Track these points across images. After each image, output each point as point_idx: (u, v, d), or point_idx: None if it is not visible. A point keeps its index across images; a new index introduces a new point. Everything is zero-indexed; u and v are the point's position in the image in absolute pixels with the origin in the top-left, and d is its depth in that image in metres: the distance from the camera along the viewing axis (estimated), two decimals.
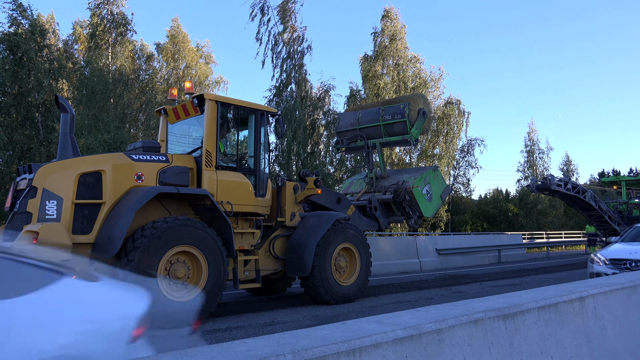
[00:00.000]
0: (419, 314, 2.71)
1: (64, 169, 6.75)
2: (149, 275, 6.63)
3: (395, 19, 32.22)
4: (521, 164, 51.15)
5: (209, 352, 1.94)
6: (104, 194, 6.92)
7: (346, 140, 13.55)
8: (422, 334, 2.39)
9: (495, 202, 41.60)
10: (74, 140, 7.24)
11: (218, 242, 7.42)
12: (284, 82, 28.95)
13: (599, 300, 3.63)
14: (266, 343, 2.09)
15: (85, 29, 30.18)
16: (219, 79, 33.81)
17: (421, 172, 12.75)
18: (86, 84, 24.94)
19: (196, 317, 7.07)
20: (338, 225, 9.32)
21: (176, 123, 9.08)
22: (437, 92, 33.14)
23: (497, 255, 20.91)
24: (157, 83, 29.86)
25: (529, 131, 52.03)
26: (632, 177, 27.86)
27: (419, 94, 14.05)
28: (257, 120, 8.80)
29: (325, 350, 2.03)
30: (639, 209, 24.58)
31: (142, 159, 7.43)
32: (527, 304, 3.04)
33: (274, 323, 7.41)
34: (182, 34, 31.66)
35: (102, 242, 6.64)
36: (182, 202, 7.86)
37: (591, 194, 20.96)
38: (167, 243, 6.85)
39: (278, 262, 9.13)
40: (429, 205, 12.46)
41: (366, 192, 12.85)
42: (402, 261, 16.48)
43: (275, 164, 28.30)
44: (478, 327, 2.69)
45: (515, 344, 2.86)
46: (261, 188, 8.70)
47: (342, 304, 9.17)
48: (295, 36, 29.11)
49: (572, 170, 56.13)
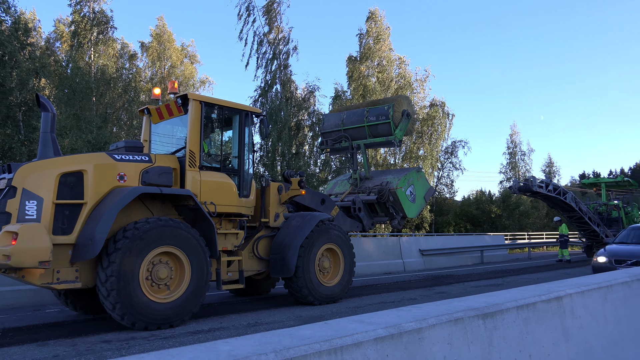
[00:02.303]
0: (401, 313, 2.74)
1: (44, 169, 6.66)
2: (130, 277, 6.58)
3: (379, 21, 32.40)
4: (504, 165, 51.88)
5: (191, 351, 1.93)
6: (85, 194, 6.84)
7: (331, 141, 13.59)
8: (402, 333, 2.42)
9: (478, 204, 42.02)
10: (55, 140, 7.15)
11: (201, 243, 7.38)
12: (269, 82, 28.89)
13: (576, 300, 3.70)
14: (248, 342, 2.09)
15: (67, 26, 29.81)
16: (204, 78, 33.71)
17: (405, 173, 12.84)
18: (68, 82, 24.63)
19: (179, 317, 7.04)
20: (322, 226, 9.34)
21: (159, 123, 9.02)
22: (422, 94, 33.41)
23: (480, 256, 21.13)
24: (140, 82, 29.60)
25: (512, 133, 52.79)
26: (611, 179, 28.40)
27: (403, 96, 14.15)
28: (242, 121, 8.78)
29: (307, 349, 2.04)
30: (618, 211, 25.06)
31: (125, 158, 7.36)
32: (506, 303, 3.09)
33: (258, 324, 7.40)
34: (168, 33, 31.48)
35: (83, 243, 6.57)
36: (165, 202, 7.80)
37: (572, 195, 21.30)
38: (149, 244, 6.80)
39: (262, 262, 9.12)
40: (413, 206, 12.55)
41: (350, 192, 12.90)
42: (385, 262, 16.56)
43: (260, 165, 28.24)
44: (458, 326, 2.72)
45: (495, 342, 2.91)
46: (245, 189, 8.68)
47: (325, 304, 9.19)
48: (281, 37, 29.08)
49: (553, 172, 57.00)
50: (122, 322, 6.65)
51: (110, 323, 7.33)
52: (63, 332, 6.89)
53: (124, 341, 6.24)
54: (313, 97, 30.17)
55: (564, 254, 21.68)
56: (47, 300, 9.44)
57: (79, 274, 6.74)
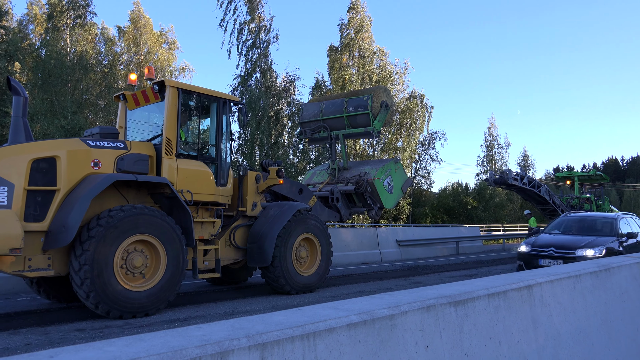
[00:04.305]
0: (374, 300, 2.77)
1: (15, 154, 6.50)
2: (104, 265, 6.50)
3: (361, 11, 32.34)
4: (481, 158, 52.61)
5: (163, 336, 1.93)
6: (58, 180, 6.71)
7: (309, 131, 13.57)
8: (375, 319, 2.45)
9: (455, 195, 42.52)
10: (27, 125, 6.98)
11: (177, 231, 7.32)
12: (249, 71, 28.67)
13: (545, 289, 3.79)
14: (221, 328, 2.09)
15: (41, 8, 29.00)
16: (184, 66, 33.22)
17: (383, 164, 12.92)
18: (42, 66, 23.99)
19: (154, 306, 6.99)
20: (299, 216, 9.35)
21: (135, 109, 8.88)
22: (402, 86, 33.51)
23: (456, 247, 21.43)
24: (118, 68, 29.03)
25: (489, 126, 53.52)
26: (584, 173, 29.03)
27: (382, 87, 14.19)
28: (219, 109, 8.70)
29: (279, 334, 2.05)
30: (590, 204, 25.66)
31: (99, 145, 7.23)
32: (477, 291, 3.15)
33: (234, 313, 7.40)
34: (145, 18, 30.88)
35: (56, 230, 6.45)
36: (140, 190, 7.71)
37: (546, 188, 21.74)
38: (124, 232, 6.72)
39: (238, 252, 9.10)
40: (390, 197, 12.64)
41: (328, 183, 12.92)
42: (363, 252, 16.68)
43: (239, 154, 28.07)
44: (430, 313, 2.77)
45: (466, 329, 2.96)
46: (222, 177, 8.63)
47: (302, 294, 9.23)
48: (262, 25, 28.83)
49: (529, 165, 58.02)
50: (96, 311, 6.58)
51: (84, 311, 7.25)
52: (35, 320, 6.79)
53: (98, 330, 6.18)
54: (293, 86, 30.06)
55: None
56: (19, 288, 9.27)
57: (51, 262, 6.63)
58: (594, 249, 10.00)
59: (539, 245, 10.71)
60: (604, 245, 10.14)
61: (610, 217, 11.74)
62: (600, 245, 10.14)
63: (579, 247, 10.16)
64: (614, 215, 11.91)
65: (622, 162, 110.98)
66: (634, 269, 5.25)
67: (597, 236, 10.74)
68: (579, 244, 10.28)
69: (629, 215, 12.39)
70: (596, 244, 10.21)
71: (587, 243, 10.27)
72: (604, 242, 10.32)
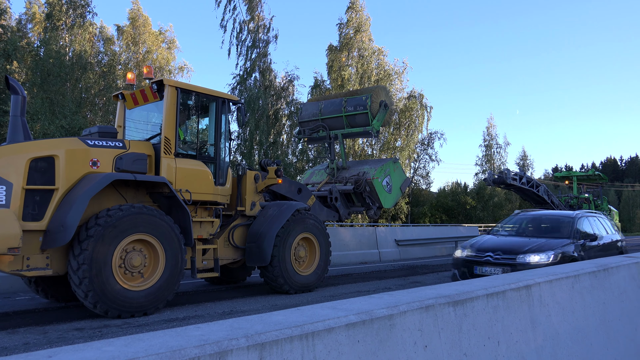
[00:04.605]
0: (372, 300, 2.77)
1: (14, 153, 6.49)
2: (103, 265, 6.50)
3: (360, 11, 32.38)
4: (479, 158, 52.60)
5: (162, 336, 1.92)
6: (56, 179, 6.70)
7: (308, 131, 13.56)
8: (374, 319, 2.45)
9: (453, 195, 42.58)
10: (25, 124, 6.97)
11: (176, 231, 7.31)
12: (248, 70, 28.67)
13: (544, 289, 3.79)
14: (220, 328, 2.09)
15: (40, 7, 28.94)
16: (183, 65, 33.20)
17: (381, 163, 12.92)
18: (41, 66, 23.94)
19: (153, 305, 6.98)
20: (298, 215, 9.35)
21: (134, 109, 8.87)
22: (400, 85, 33.54)
23: (454, 246, 21.42)
24: (117, 67, 28.99)
25: (488, 126, 53.53)
26: (583, 173, 29.05)
27: (381, 86, 14.20)
28: (218, 108, 8.70)
29: (278, 334, 2.05)
30: (588, 204, 25.69)
31: (98, 144, 7.22)
32: (476, 291, 3.15)
33: (233, 312, 7.39)
34: (143, 17, 30.84)
35: (54, 230, 6.44)
36: (139, 189, 7.70)
37: (544, 188, 21.74)
38: (123, 231, 6.71)
39: (237, 251, 9.09)
40: (389, 196, 12.65)
41: (327, 182, 12.92)
42: (361, 251, 16.68)
43: (238, 153, 28.07)
44: (429, 313, 2.77)
45: (464, 329, 2.96)
46: (221, 177, 8.62)
47: (301, 293, 9.23)
48: (261, 25, 28.82)
49: (527, 165, 58.07)
50: (94, 310, 6.57)
51: (82, 311, 7.24)
52: (34, 319, 6.78)
53: (97, 329, 6.17)
54: (292, 86, 30.07)
55: None
56: (17, 287, 9.26)
57: (49, 261, 6.62)
58: (541, 254, 8.26)
59: (477, 249, 8.95)
60: (555, 249, 8.41)
61: (569, 216, 9.94)
62: (550, 249, 8.39)
63: (522, 251, 8.39)
64: (573, 213, 10.16)
65: (620, 162, 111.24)
66: (633, 269, 5.25)
67: (550, 238, 8.99)
68: (522, 248, 8.49)
69: (593, 214, 10.74)
70: (545, 247, 8.45)
71: (533, 247, 8.50)
72: (556, 245, 8.57)
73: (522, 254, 8.30)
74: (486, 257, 8.59)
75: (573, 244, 8.83)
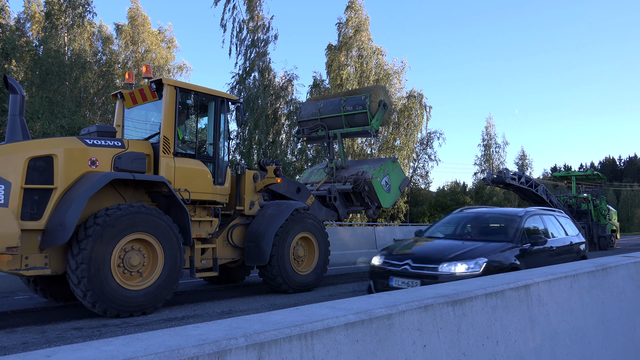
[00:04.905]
0: (371, 299, 2.77)
1: (12, 152, 6.48)
2: (102, 264, 6.49)
3: (359, 10, 32.36)
4: (478, 157, 52.60)
5: (160, 335, 1.92)
6: (55, 179, 6.69)
7: (307, 130, 13.56)
8: (373, 319, 2.45)
9: (452, 194, 42.62)
10: (24, 123, 6.95)
11: (174, 230, 7.31)
12: (247, 70, 28.66)
13: (543, 288, 3.80)
14: (219, 327, 2.09)
15: (39, 6, 28.90)
16: (182, 64, 33.16)
17: (380, 163, 12.92)
18: (40, 65, 23.89)
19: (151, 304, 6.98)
20: (297, 215, 9.34)
21: (133, 108, 8.86)
22: (399, 85, 33.54)
23: None
24: (116, 66, 28.95)
25: (487, 125, 53.52)
26: (581, 173, 29.08)
27: (380, 86, 14.19)
28: (217, 108, 8.69)
29: (277, 334, 2.05)
30: (587, 203, 25.71)
31: (97, 143, 7.21)
32: (475, 290, 3.15)
33: (232, 312, 7.39)
34: (143, 16, 30.80)
35: (53, 229, 6.43)
36: (138, 189, 7.69)
37: (543, 187, 21.76)
38: (121, 231, 6.70)
39: (236, 250, 9.09)
40: (388, 196, 12.65)
41: (326, 182, 12.92)
42: (360, 251, 16.68)
43: (237, 153, 28.06)
44: (428, 313, 2.77)
45: (463, 328, 2.96)
46: (220, 176, 8.62)
47: (300, 293, 9.23)
48: (260, 24, 28.81)
49: (526, 165, 58.12)
50: (93, 310, 6.56)
51: (81, 310, 7.23)
52: (32, 319, 6.77)
53: (96, 328, 6.16)
54: (291, 85, 30.06)
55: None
56: (15, 286, 9.25)
57: (48, 260, 6.61)
58: (470, 262, 6.67)
59: (396, 256, 7.37)
60: (488, 255, 6.85)
61: (515, 214, 8.33)
62: (481, 255, 6.80)
63: (446, 259, 6.78)
64: (522, 211, 8.50)
65: (619, 161, 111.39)
66: (631, 268, 5.26)
67: (489, 241, 7.47)
68: (447, 255, 6.87)
69: (548, 211, 9.16)
70: (476, 253, 6.86)
71: (460, 253, 6.90)
72: (489, 250, 7.00)
73: (447, 262, 6.69)
74: (404, 266, 6.99)
75: (514, 249, 7.27)
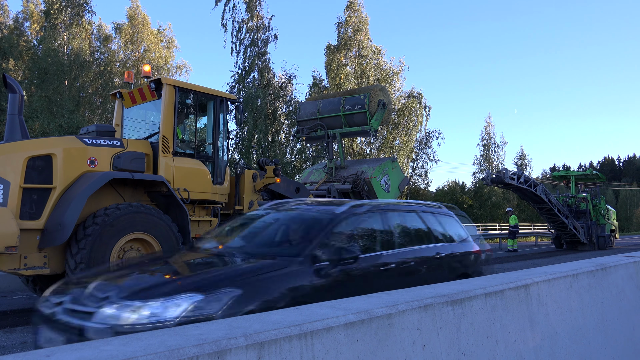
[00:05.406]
0: (371, 299, 2.76)
1: (11, 152, 6.46)
2: (101, 264, 6.48)
3: (358, 10, 32.34)
4: (477, 157, 52.57)
5: (160, 335, 1.92)
6: (54, 178, 6.68)
7: (306, 130, 13.56)
8: (373, 319, 2.44)
9: (451, 194, 42.62)
10: (23, 122, 6.94)
11: (173, 229, 7.30)
12: (247, 69, 28.65)
13: (542, 288, 3.80)
14: (218, 327, 2.08)
15: (37, 6, 28.85)
16: (181, 64, 33.12)
17: (380, 163, 12.92)
18: (38, 64, 23.85)
19: None
20: None
21: (132, 107, 8.85)
22: (398, 85, 33.52)
23: None
24: (115, 65, 28.93)
25: (486, 125, 53.47)
26: (580, 172, 29.07)
27: (380, 86, 14.20)
28: (216, 107, 8.68)
29: (277, 333, 2.05)
30: (586, 203, 25.71)
31: (96, 143, 7.20)
32: (474, 290, 3.15)
33: None
34: (142, 16, 30.77)
35: (52, 229, 6.42)
36: (137, 188, 7.68)
37: (542, 187, 21.74)
38: (120, 230, 6.69)
39: None
40: (387, 195, 12.65)
41: (325, 181, 12.92)
42: None
43: (236, 152, 28.04)
44: (427, 312, 2.76)
45: (463, 328, 2.96)
46: (219, 176, 8.61)
47: None
48: (260, 24, 28.81)
49: (525, 165, 58.08)
50: None
51: None
52: (31, 318, 6.75)
53: None
54: (290, 85, 30.05)
55: (513, 244, 22.41)
56: (14, 286, 9.24)
57: (47, 260, 6.60)
58: (155, 301, 3.28)
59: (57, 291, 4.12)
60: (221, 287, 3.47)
61: (328, 212, 4.85)
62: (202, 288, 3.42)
63: (121, 297, 3.39)
64: (339, 208, 4.87)
65: (618, 161, 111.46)
66: (630, 268, 5.26)
67: (265, 258, 4.11)
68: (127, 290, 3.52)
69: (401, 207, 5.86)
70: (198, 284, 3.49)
71: (160, 284, 3.63)
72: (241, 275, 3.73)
73: (111, 305, 3.35)
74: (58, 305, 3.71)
75: (298, 271, 4.00)
